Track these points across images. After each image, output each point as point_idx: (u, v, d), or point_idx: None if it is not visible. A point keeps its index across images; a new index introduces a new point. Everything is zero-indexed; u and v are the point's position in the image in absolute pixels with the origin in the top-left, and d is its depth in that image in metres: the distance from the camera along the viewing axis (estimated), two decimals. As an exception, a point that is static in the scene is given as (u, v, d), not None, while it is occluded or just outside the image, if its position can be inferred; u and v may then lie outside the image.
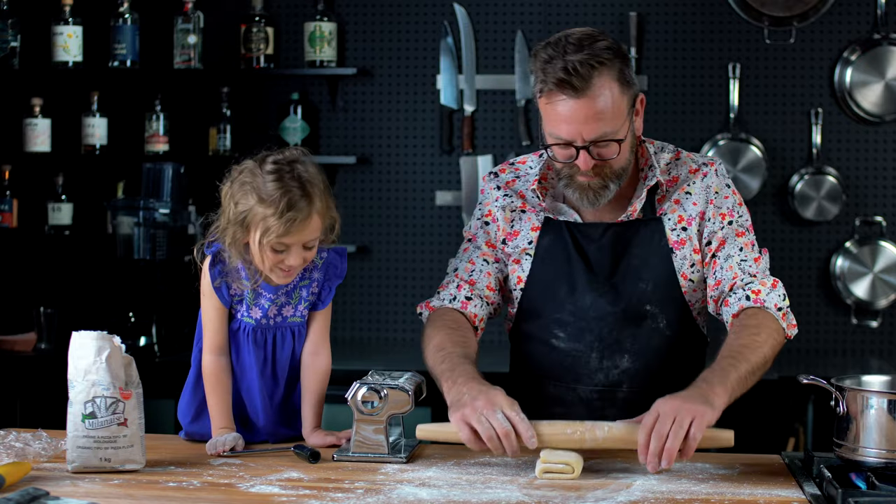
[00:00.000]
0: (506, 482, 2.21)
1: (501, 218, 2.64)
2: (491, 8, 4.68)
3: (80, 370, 2.26)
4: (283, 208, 2.37)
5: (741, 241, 2.56)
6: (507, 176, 2.68)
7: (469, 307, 2.61)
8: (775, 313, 2.49)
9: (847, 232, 4.54)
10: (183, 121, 4.72)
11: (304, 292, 2.53)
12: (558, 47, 2.43)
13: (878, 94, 4.50)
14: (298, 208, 2.38)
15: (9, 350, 4.45)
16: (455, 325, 2.56)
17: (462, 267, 2.64)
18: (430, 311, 2.64)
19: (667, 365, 2.57)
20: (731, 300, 2.52)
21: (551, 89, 2.43)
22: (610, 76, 2.42)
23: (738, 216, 2.58)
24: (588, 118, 2.41)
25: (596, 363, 2.57)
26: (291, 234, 2.39)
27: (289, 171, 2.42)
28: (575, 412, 2.55)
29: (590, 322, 2.56)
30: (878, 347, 4.55)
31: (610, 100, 2.42)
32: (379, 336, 4.74)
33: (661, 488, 2.18)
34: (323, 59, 4.62)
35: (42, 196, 4.70)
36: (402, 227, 4.73)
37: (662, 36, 4.60)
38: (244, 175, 2.43)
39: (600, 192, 2.50)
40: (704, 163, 2.61)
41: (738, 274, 2.52)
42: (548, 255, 2.59)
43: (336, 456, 2.39)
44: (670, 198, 2.58)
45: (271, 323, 2.52)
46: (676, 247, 2.56)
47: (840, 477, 2.17)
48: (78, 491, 2.14)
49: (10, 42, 4.60)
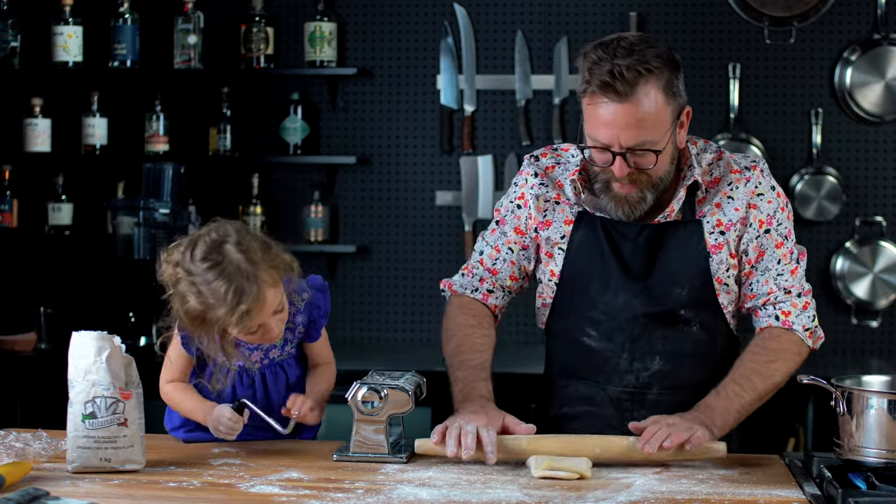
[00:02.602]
0: (506, 482, 2.21)
1: (534, 206, 2.61)
2: (491, 8, 4.68)
3: (80, 370, 2.26)
4: (233, 304, 2.28)
5: (779, 253, 2.54)
6: (548, 161, 2.65)
7: (490, 299, 2.67)
8: (801, 334, 2.54)
9: (847, 232, 4.54)
10: (183, 121, 4.72)
11: (288, 334, 2.51)
12: (609, 49, 2.40)
13: (878, 94, 4.50)
14: (248, 297, 2.28)
15: (9, 350, 4.45)
16: (475, 322, 2.62)
17: (487, 252, 2.66)
18: (451, 294, 2.69)
19: (698, 368, 2.56)
20: (761, 313, 2.56)
21: (594, 91, 2.39)
22: (656, 85, 2.40)
23: (778, 224, 2.55)
24: (628, 124, 2.38)
25: (626, 364, 2.56)
26: (253, 322, 2.33)
27: (220, 258, 2.30)
28: (604, 412, 2.57)
29: (621, 322, 2.55)
30: (878, 347, 4.55)
31: (653, 108, 2.39)
32: (379, 336, 4.74)
33: (661, 488, 2.18)
34: (323, 59, 4.62)
35: (42, 196, 4.70)
36: (402, 227, 4.72)
37: (662, 36, 4.60)
38: (180, 274, 2.33)
39: (636, 206, 2.48)
40: (747, 166, 2.57)
41: (773, 290, 2.54)
42: (581, 250, 2.57)
43: (336, 456, 2.39)
44: (711, 200, 2.54)
45: (256, 367, 2.52)
46: (714, 251, 2.53)
47: (840, 477, 2.17)
48: (78, 491, 2.14)
49: (10, 42, 4.60)
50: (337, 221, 4.74)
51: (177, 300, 2.35)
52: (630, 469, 2.31)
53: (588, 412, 2.59)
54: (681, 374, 2.55)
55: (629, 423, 2.38)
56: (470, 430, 2.31)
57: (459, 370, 2.54)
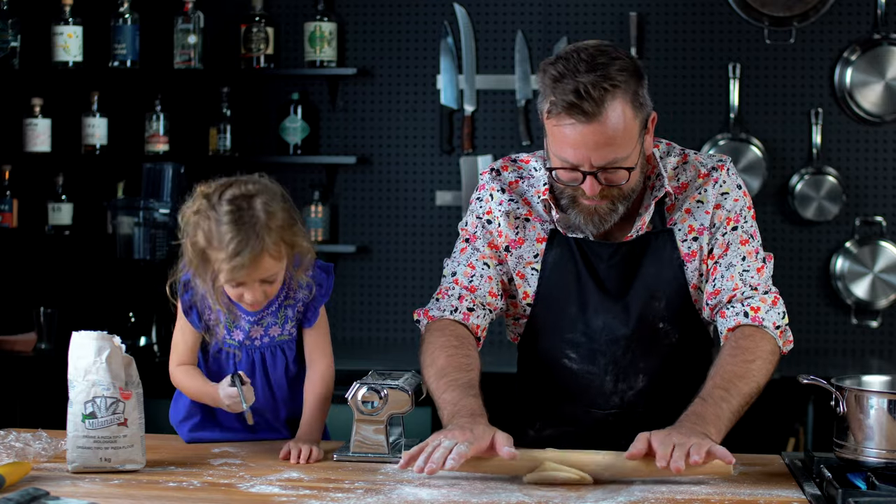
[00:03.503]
0: (506, 482, 2.21)
1: (504, 224, 2.51)
2: (491, 8, 4.68)
3: (80, 370, 2.26)
4: (232, 253, 2.31)
5: (744, 250, 2.46)
6: (510, 175, 2.55)
7: (471, 319, 2.49)
8: (773, 332, 2.42)
9: (847, 232, 4.54)
10: (183, 121, 4.72)
11: (289, 311, 2.50)
12: (569, 64, 2.29)
13: (878, 94, 4.50)
14: (246, 253, 2.31)
15: (9, 350, 4.45)
16: (457, 343, 2.44)
17: (461, 271, 2.52)
18: (428, 321, 2.51)
19: (681, 377, 2.50)
20: (728, 312, 2.44)
21: (560, 112, 2.29)
22: (623, 99, 2.29)
23: (744, 221, 2.47)
24: (598, 144, 2.29)
25: (611, 386, 2.50)
26: (242, 277, 2.34)
27: (247, 208, 2.34)
28: (590, 435, 2.48)
29: (601, 345, 2.49)
30: (878, 347, 4.55)
31: (622, 124, 2.29)
32: (379, 336, 4.74)
33: (661, 488, 2.18)
34: (323, 59, 4.62)
35: (42, 196, 4.70)
36: (402, 227, 4.73)
37: (662, 36, 4.60)
38: (202, 205, 2.38)
39: (606, 217, 2.40)
40: (714, 166, 2.49)
41: (738, 285, 2.43)
42: (556, 270, 2.49)
43: (336, 456, 2.39)
44: (680, 207, 2.47)
45: (257, 343, 2.51)
46: (688, 259, 2.46)
47: (840, 477, 2.17)
48: (78, 491, 2.14)
49: (10, 42, 4.60)
50: (337, 221, 4.74)
51: (191, 227, 2.38)
52: (630, 469, 2.31)
53: (573, 433, 2.52)
54: (666, 389, 2.49)
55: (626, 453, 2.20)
56: (446, 445, 2.15)
57: (446, 392, 2.33)
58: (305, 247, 2.42)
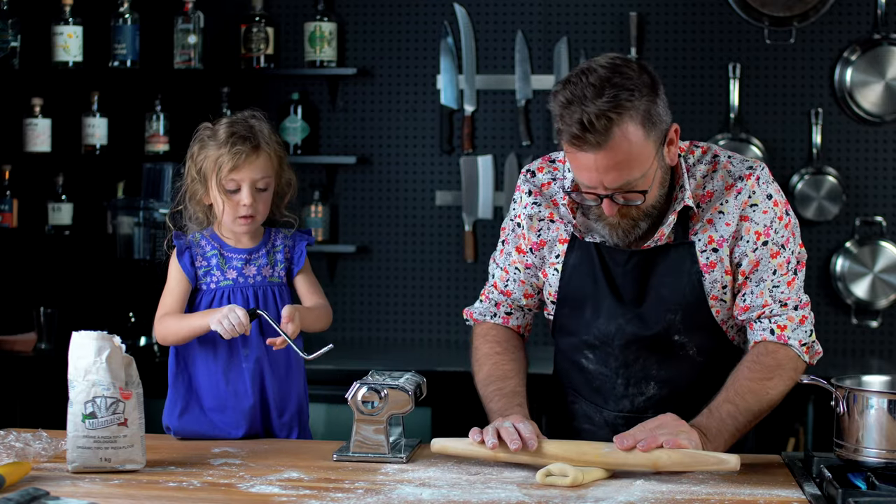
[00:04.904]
0: (506, 482, 2.21)
1: (527, 227, 2.57)
2: (491, 8, 4.68)
3: (80, 370, 2.26)
4: (231, 143, 2.57)
5: (775, 263, 2.45)
6: (544, 177, 2.58)
7: (511, 321, 2.65)
8: (798, 349, 2.45)
9: (847, 232, 4.54)
10: (183, 121, 4.71)
11: (279, 255, 2.65)
12: (577, 89, 2.28)
13: (878, 94, 4.50)
14: (245, 142, 2.57)
15: (9, 350, 4.45)
16: (500, 350, 2.60)
17: (498, 275, 2.64)
18: (473, 322, 2.68)
19: (697, 390, 2.49)
20: (756, 326, 2.47)
21: (568, 140, 2.30)
22: (632, 122, 2.28)
23: (775, 233, 2.45)
24: (608, 168, 2.30)
25: (622, 389, 2.53)
26: (240, 169, 2.56)
27: (241, 119, 2.64)
28: (601, 435, 2.52)
29: (614, 349, 2.51)
30: (878, 347, 4.55)
31: (632, 148, 2.29)
32: (379, 336, 4.74)
33: (661, 488, 2.18)
34: (323, 59, 4.62)
35: (42, 196, 4.70)
36: (402, 227, 4.73)
37: (662, 36, 4.60)
38: (202, 133, 2.65)
39: (630, 231, 2.43)
40: (742, 175, 2.46)
41: (767, 302, 2.45)
42: (575, 273, 2.53)
43: (336, 456, 2.39)
44: (703, 217, 2.46)
45: (251, 282, 2.61)
46: (706, 270, 2.46)
47: (840, 477, 2.17)
48: (78, 491, 2.14)
49: (10, 42, 4.60)
50: (337, 221, 4.74)
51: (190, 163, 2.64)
52: (630, 469, 2.31)
53: (588, 431, 2.57)
54: (677, 400, 2.49)
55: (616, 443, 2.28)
56: (507, 425, 2.30)
57: (492, 402, 2.50)
58: (290, 176, 2.66)
